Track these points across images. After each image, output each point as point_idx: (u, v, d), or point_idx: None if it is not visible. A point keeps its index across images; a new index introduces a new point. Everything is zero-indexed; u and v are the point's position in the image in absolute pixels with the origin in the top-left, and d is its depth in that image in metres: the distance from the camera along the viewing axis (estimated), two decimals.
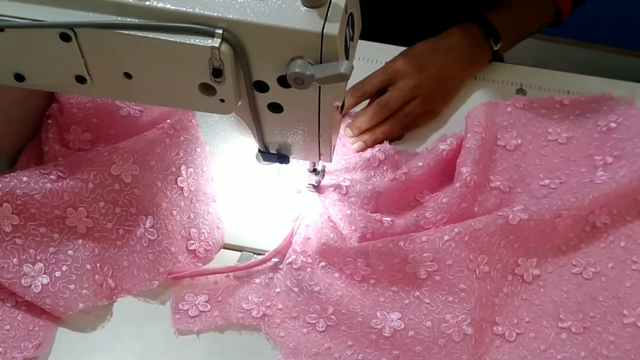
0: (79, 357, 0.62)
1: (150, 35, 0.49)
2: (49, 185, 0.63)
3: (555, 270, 0.66)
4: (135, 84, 0.54)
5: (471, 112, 0.73)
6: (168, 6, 0.49)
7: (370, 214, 0.67)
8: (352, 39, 0.54)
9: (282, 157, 0.64)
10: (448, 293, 0.62)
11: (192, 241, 0.68)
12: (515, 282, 0.66)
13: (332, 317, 0.63)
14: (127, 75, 0.54)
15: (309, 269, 0.65)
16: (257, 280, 0.66)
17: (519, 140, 0.74)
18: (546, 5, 0.83)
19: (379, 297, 0.64)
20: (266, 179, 0.72)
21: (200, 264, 0.67)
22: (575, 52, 0.78)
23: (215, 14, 0.49)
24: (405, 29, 0.94)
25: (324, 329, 0.63)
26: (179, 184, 0.69)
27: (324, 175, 0.72)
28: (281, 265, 0.66)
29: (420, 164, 0.68)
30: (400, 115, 0.75)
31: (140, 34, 0.49)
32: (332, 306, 0.63)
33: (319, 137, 0.60)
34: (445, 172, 0.70)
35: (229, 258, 0.68)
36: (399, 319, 0.62)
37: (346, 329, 0.62)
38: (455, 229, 0.63)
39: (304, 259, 0.66)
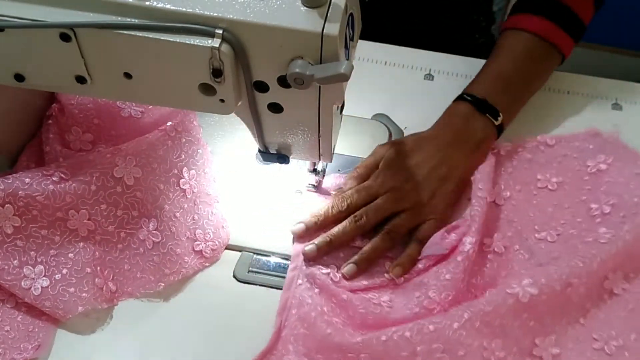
0: (79, 359, 0.62)
1: (150, 35, 0.49)
2: (51, 187, 0.63)
3: (575, 347, 0.61)
4: (135, 84, 0.54)
5: (476, 175, 0.69)
6: (168, 6, 0.49)
7: (366, 296, 0.63)
8: (352, 39, 0.54)
9: (282, 157, 0.64)
10: None
11: (198, 242, 0.67)
12: None
13: None
14: (127, 75, 0.54)
15: None
16: None
17: (508, 193, 0.70)
18: (548, 54, 0.76)
19: None
20: (266, 179, 0.72)
21: (207, 264, 0.67)
22: (575, 52, 0.77)
23: (215, 14, 0.49)
24: (405, 29, 0.94)
25: None
26: (181, 185, 0.69)
27: (324, 175, 0.72)
28: None
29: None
30: (385, 230, 0.67)
31: (140, 34, 0.49)
32: None
33: (319, 137, 0.60)
34: None
35: (229, 258, 0.68)
36: None
37: None
38: (465, 315, 0.58)
39: None
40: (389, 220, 0.67)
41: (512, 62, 0.75)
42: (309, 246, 0.66)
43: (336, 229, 0.67)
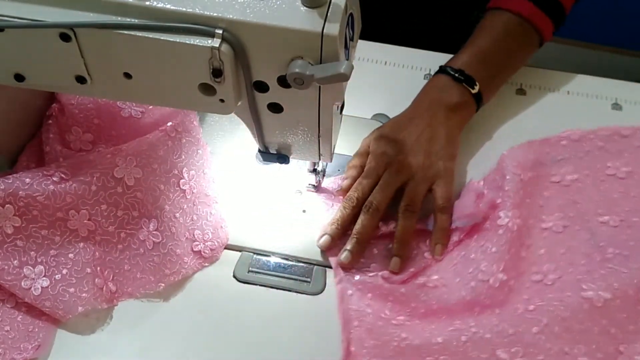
0: (79, 359, 0.62)
1: (150, 35, 0.49)
2: (51, 187, 0.63)
3: None
4: (135, 84, 0.54)
5: (509, 152, 0.71)
6: (168, 6, 0.49)
7: (420, 281, 0.64)
8: (352, 39, 0.54)
9: (282, 157, 0.64)
10: None
11: (197, 242, 0.68)
12: None
13: None
14: (127, 75, 0.54)
15: None
16: None
17: (575, 176, 0.71)
18: (527, 34, 0.77)
19: None
20: (266, 179, 0.72)
21: (206, 264, 0.67)
22: (575, 52, 0.77)
23: (215, 14, 0.49)
24: (405, 29, 0.94)
25: None
26: (181, 186, 0.69)
27: (324, 175, 0.72)
28: None
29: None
30: (403, 208, 0.68)
31: (140, 34, 0.49)
32: None
33: (319, 137, 0.60)
34: None
35: (229, 258, 0.68)
36: None
37: None
38: (544, 320, 0.59)
39: None
40: (400, 200, 0.69)
41: (491, 39, 0.76)
42: (343, 254, 0.66)
43: (357, 225, 0.67)
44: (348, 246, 0.67)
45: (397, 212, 0.68)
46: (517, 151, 0.71)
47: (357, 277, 0.66)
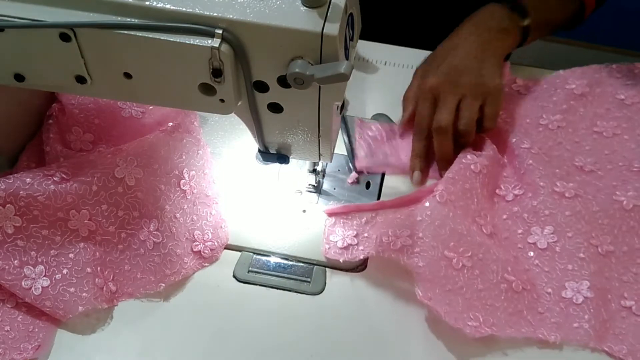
0: (79, 359, 0.62)
1: (150, 35, 0.49)
2: (52, 187, 0.63)
3: None
4: (135, 84, 0.54)
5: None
6: (168, 6, 0.49)
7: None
8: (352, 39, 0.55)
9: (282, 157, 0.64)
10: (568, 262, 0.65)
11: (197, 243, 0.68)
12: None
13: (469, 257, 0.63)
14: (127, 75, 0.54)
15: (451, 213, 0.64)
16: (399, 216, 0.66)
17: (637, 99, 0.77)
18: (573, 1, 0.80)
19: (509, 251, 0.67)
20: (266, 179, 0.72)
21: (206, 264, 0.68)
22: (575, 52, 0.77)
23: (215, 14, 0.49)
24: (405, 29, 0.94)
25: (459, 266, 0.63)
26: (181, 186, 0.69)
27: (324, 176, 0.72)
28: (427, 202, 0.65)
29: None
30: (462, 126, 0.69)
31: (140, 34, 0.50)
32: (471, 249, 0.63)
33: (319, 137, 0.60)
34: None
35: (229, 258, 0.68)
36: (526, 280, 0.64)
37: (479, 273, 0.63)
38: (577, 207, 0.68)
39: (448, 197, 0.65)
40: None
41: None
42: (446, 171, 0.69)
43: (436, 150, 0.71)
44: (442, 169, 0.71)
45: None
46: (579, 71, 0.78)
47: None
